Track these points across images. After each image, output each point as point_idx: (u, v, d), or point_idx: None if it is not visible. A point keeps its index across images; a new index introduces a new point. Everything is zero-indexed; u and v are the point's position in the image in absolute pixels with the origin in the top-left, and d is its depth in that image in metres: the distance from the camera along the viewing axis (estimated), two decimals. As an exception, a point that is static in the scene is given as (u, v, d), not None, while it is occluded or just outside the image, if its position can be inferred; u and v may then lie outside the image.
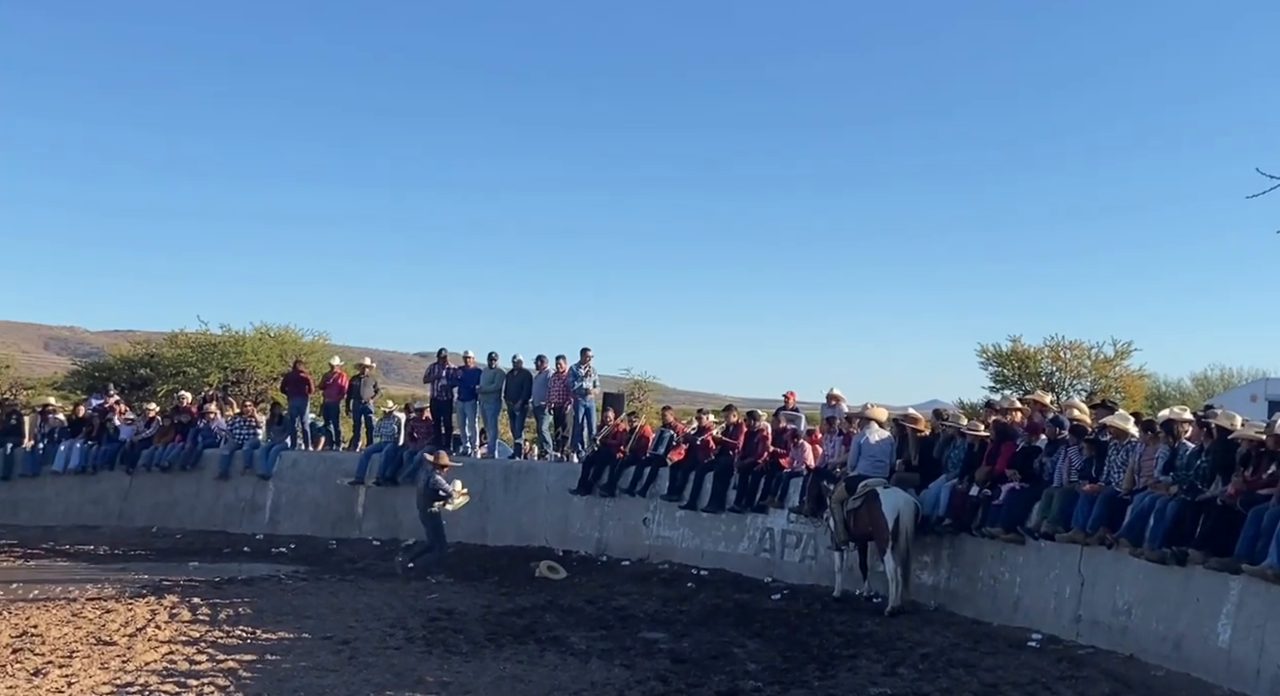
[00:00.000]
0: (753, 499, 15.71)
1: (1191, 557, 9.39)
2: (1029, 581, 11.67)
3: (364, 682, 8.85)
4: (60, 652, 9.82)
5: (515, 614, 12.24)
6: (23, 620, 11.34)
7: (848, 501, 13.09)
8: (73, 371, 36.35)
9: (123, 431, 21.35)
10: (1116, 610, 10.39)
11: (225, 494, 20.20)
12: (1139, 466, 10.79)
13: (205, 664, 9.49)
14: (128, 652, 9.87)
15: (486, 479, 18.72)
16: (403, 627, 11.25)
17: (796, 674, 9.47)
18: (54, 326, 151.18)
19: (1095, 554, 10.79)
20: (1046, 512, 11.36)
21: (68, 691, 8.45)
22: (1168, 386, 36.07)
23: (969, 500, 12.47)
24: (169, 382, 30.14)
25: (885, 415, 14.27)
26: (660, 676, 9.30)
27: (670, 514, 16.78)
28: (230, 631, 10.98)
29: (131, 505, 20.58)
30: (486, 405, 19.94)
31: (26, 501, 21.14)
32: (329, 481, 19.70)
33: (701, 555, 16.10)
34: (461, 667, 9.52)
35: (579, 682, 9.05)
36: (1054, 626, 11.05)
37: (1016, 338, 33.46)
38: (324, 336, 34.03)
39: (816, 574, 14.45)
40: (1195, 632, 9.38)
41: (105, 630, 10.90)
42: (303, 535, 18.99)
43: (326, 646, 10.27)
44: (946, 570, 12.85)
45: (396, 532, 18.77)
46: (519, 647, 10.42)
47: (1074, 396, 28.77)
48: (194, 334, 32.96)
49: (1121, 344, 32.74)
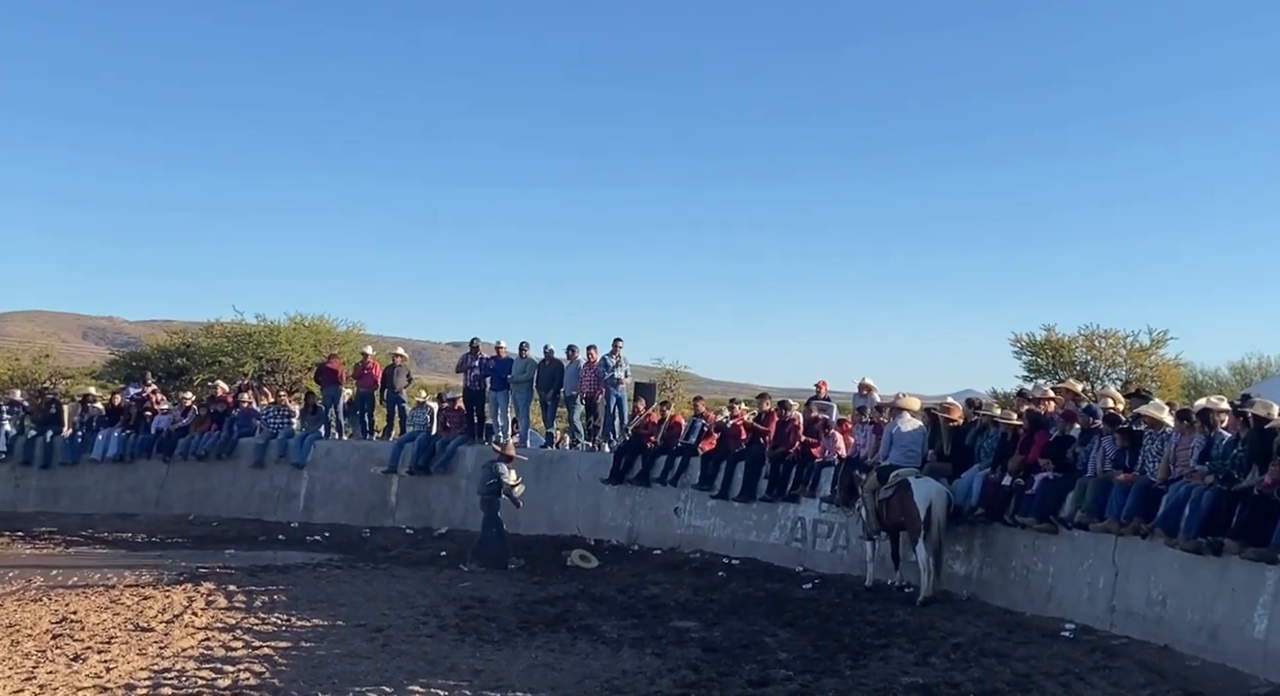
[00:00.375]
0: (784, 488, 15.70)
1: (1227, 547, 9.31)
2: (1062, 571, 11.60)
3: (397, 670, 8.93)
4: (99, 638, 9.96)
5: (547, 602, 12.29)
6: (62, 606, 11.52)
7: (879, 491, 13.06)
8: (111, 361, 36.72)
9: (159, 420, 21.58)
10: (1151, 600, 10.32)
11: (260, 482, 20.39)
12: (1174, 456, 10.70)
13: (241, 650, 9.61)
14: (165, 638, 10.00)
15: (519, 469, 18.77)
16: (435, 615, 11.33)
17: (828, 663, 9.47)
18: (93, 316, 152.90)
19: (1130, 544, 10.71)
20: (1080, 502, 11.29)
21: (106, 676, 8.57)
22: (1204, 375, 35.59)
23: (1002, 489, 12.41)
24: (205, 372, 30.37)
25: (917, 404, 14.22)
26: (691, 665, 9.32)
27: (701, 503, 16.79)
28: (265, 618, 11.10)
29: (168, 493, 20.82)
30: (518, 395, 20.01)
31: (66, 489, 21.43)
32: (362, 470, 19.85)
33: (733, 544, 16.11)
34: (494, 656, 9.58)
35: (610, 671, 9.09)
36: (1087, 616, 10.99)
37: (1050, 326, 33.13)
38: (358, 326, 34.19)
39: (848, 563, 14.42)
40: (1231, 623, 9.30)
41: (143, 616, 11.04)
42: (336, 523, 19.16)
43: (360, 634, 10.37)
44: (979, 560, 12.79)
45: (429, 521, 18.91)
46: (551, 636, 10.47)
47: (1108, 385, 28.56)
48: (229, 324, 33.20)
49: (1157, 333, 32.34)
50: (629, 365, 19.56)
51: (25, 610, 11.29)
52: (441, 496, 19.22)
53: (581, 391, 19.38)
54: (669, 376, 35.59)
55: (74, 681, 8.39)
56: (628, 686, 8.57)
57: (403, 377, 21.02)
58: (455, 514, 18.94)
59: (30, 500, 21.33)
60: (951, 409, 13.94)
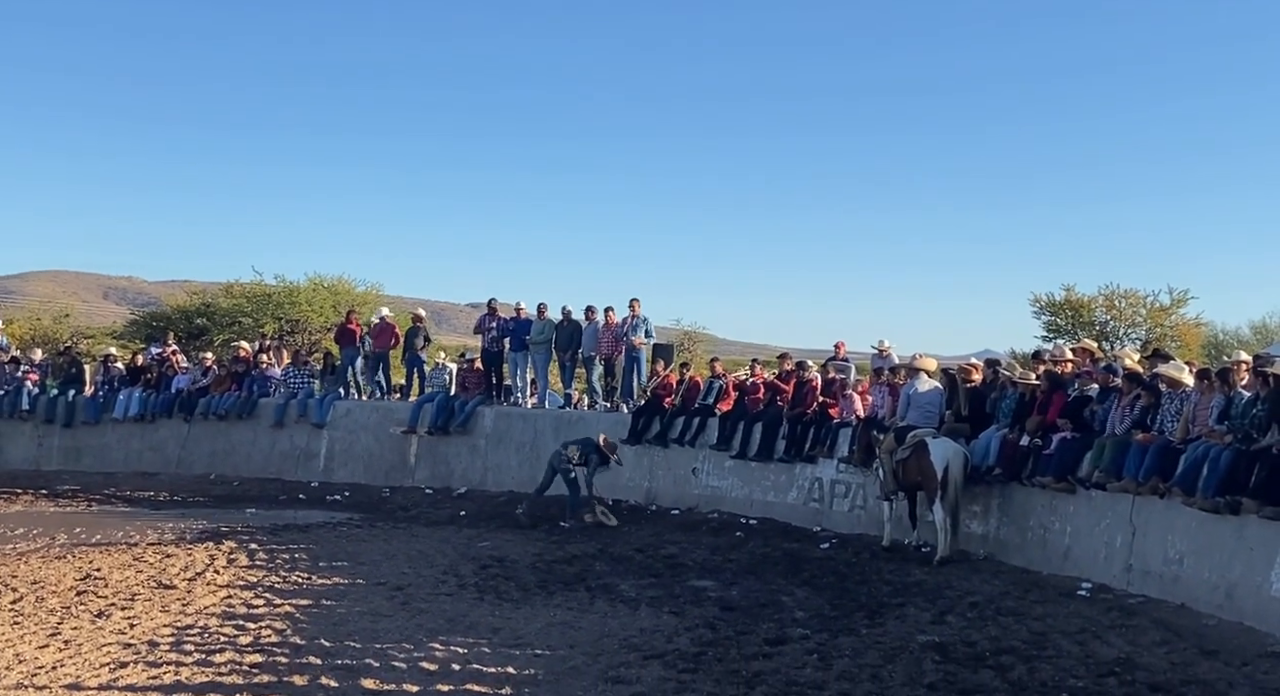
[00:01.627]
0: (802, 449, 15.72)
1: (1245, 507, 9.29)
2: (1079, 531, 11.60)
3: (417, 628, 9.02)
4: (122, 595, 10.09)
5: (566, 561, 12.37)
6: (86, 564, 11.66)
7: (897, 451, 13.07)
8: (131, 321, 36.97)
9: (179, 380, 21.70)
10: (1168, 559, 10.31)
11: (281, 442, 20.52)
12: (1193, 415, 10.66)
13: (262, 608, 9.71)
14: (188, 596, 10.12)
15: (537, 429, 18.87)
16: (455, 574, 11.42)
17: (845, 622, 9.51)
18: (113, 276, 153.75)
19: (1147, 503, 10.70)
20: (1098, 462, 11.28)
21: (130, 633, 8.69)
22: (1225, 335, 35.37)
23: (1019, 450, 12.40)
24: (225, 332, 30.56)
25: (934, 365, 14.19)
26: (709, 623, 9.38)
27: (719, 463, 16.83)
28: (287, 576, 11.22)
29: (190, 453, 20.98)
30: (537, 356, 20.04)
31: (89, 448, 21.63)
32: (382, 430, 19.95)
33: (750, 504, 16.15)
34: (512, 614, 9.66)
35: (628, 629, 9.15)
36: (1104, 575, 11.00)
37: (1070, 286, 32.97)
38: (377, 287, 34.31)
39: (865, 523, 14.46)
40: (1248, 582, 9.29)
41: (165, 574, 11.17)
42: (356, 483, 19.28)
43: (380, 592, 10.47)
44: (996, 519, 12.80)
45: (448, 481, 19.01)
46: (569, 595, 10.54)
47: (1127, 346, 28.41)
48: (249, 284, 33.35)
49: (1178, 292, 32.14)
50: (651, 324, 19.63)
51: (50, 567, 11.43)
52: (460, 456, 19.32)
53: (600, 352, 19.39)
54: (687, 337, 35.63)
55: (98, 637, 8.51)
56: (645, 644, 8.63)
57: (421, 338, 21.07)
58: (474, 474, 19.05)
59: (53, 458, 21.54)
60: (971, 370, 13.91)
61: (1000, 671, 7.83)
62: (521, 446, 18.91)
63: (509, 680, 7.55)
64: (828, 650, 8.47)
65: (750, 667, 7.93)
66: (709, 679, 7.63)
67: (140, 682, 7.33)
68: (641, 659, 8.18)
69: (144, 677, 7.44)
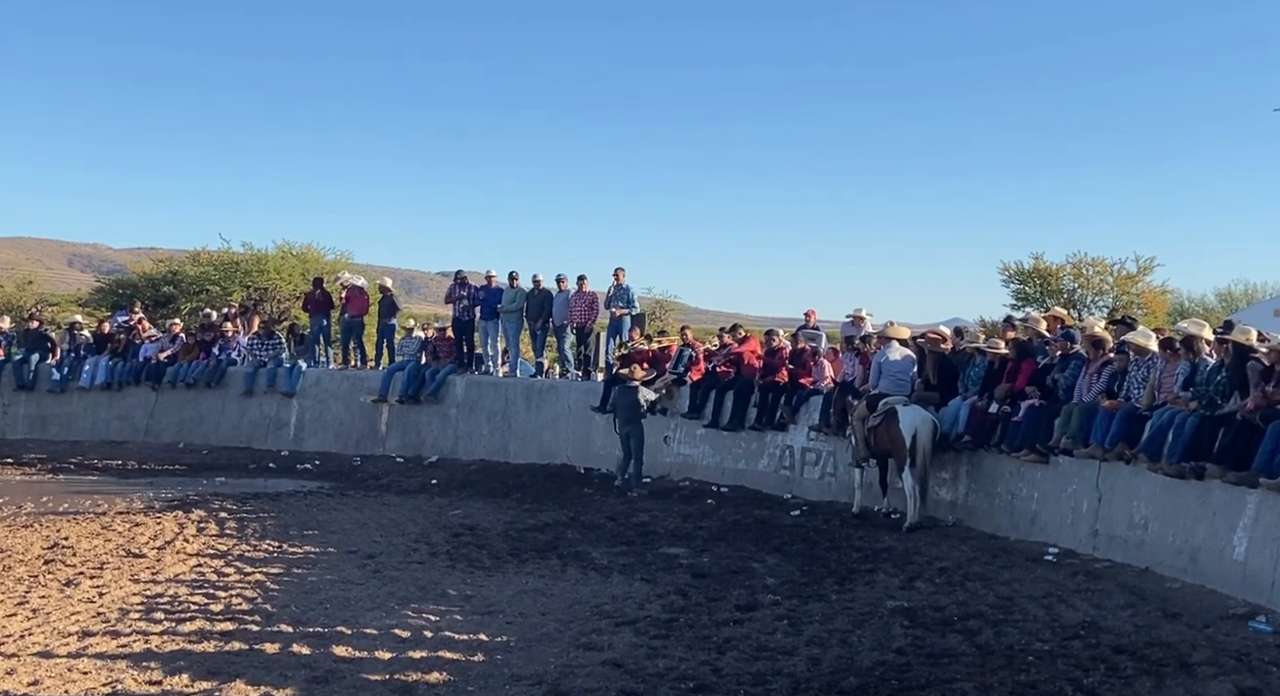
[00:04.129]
0: (773, 417, 15.77)
1: (1209, 472, 9.42)
2: (1046, 497, 11.73)
3: (389, 596, 9.02)
4: (91, 564, 10.04)
5: (537, 530, 12.39)
6: (54, 532, 11.58)
7: (868, 419, 13.14)
8: (96, 288, 36.48)
9: (147, 348, 21.51)
10: (1133, 524, 10.45)
11: (250, 411, 20.41)
12: (1159, 382, 10.78)
13: (233, 576, 9.69)
14: (157, 565, 10.08)
15: (509, 398, 18.86)
16: (426, 543, 11.42)
17: (815, 588, 9.58)
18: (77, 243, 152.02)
19: (1113, 469, 10.82)
20: (1066, 428, 11.39)
21: (99, 601, 8.65)
22: (1191, 302, 35.75)
23: (988, 417, 12.50)
24: (192, 300, 30.27)
25: (906, 333, 14.25)
26: (680, 590, 9.43)
27: (691, 432, 16.88)
28: (257, 545, 11.18)
29: (158, 421, 20.83)
30: (508, 324, 19.99)
31: (55, 416, 21.40)
32: (352, 399, 19.88)
33: (722, 472, 16.22)
34: (484, 582, 9.68)
35: (600, 596, 9.19)
36: (1071, 540, 11.13)
37: (1039, 255, 33.25)
38: (347, 255, 34.01)
39: (835, 491, 14.55)
40: (1211, 546, 9.43)
41: (134, 543, 11.12)
42: (327, 452, 19.22)
43: (352, 560, 10.46)
44: (965, 486, 12.91)
45: (419, 450, 18.98)
46: (541, 562, 10.57)
47: (1094, 313, 28.67)
48: (217, 252, 33.01)
49: (1144, 260, 32.45)
50: (634, 293, 19.70)
51: (16, 536, 11.34)
52: (431, 425, 19.28)
53: (572, 321, 19.37)
54: (659, 306, 35.57)
55: (67, 606, 8.47)
56: (617, 611, 8.68)
57: (391, 307, 20.95)
58: (445, 442, 19.03)
59: (18, 427, 21.28)
60: (940, 338, 13.98)
61: (968, 635, 7.92)
62: (493, 415, 18.90)
63: (481, 647, 7.57)
64: (798, 616, 8.54)
65: (721, 633, 7.99)
66: (680, 644, 7.68)
67: (109, 651, 7.30)
68: (613, 625, 8.22)
69: (113, 646, 7.41)
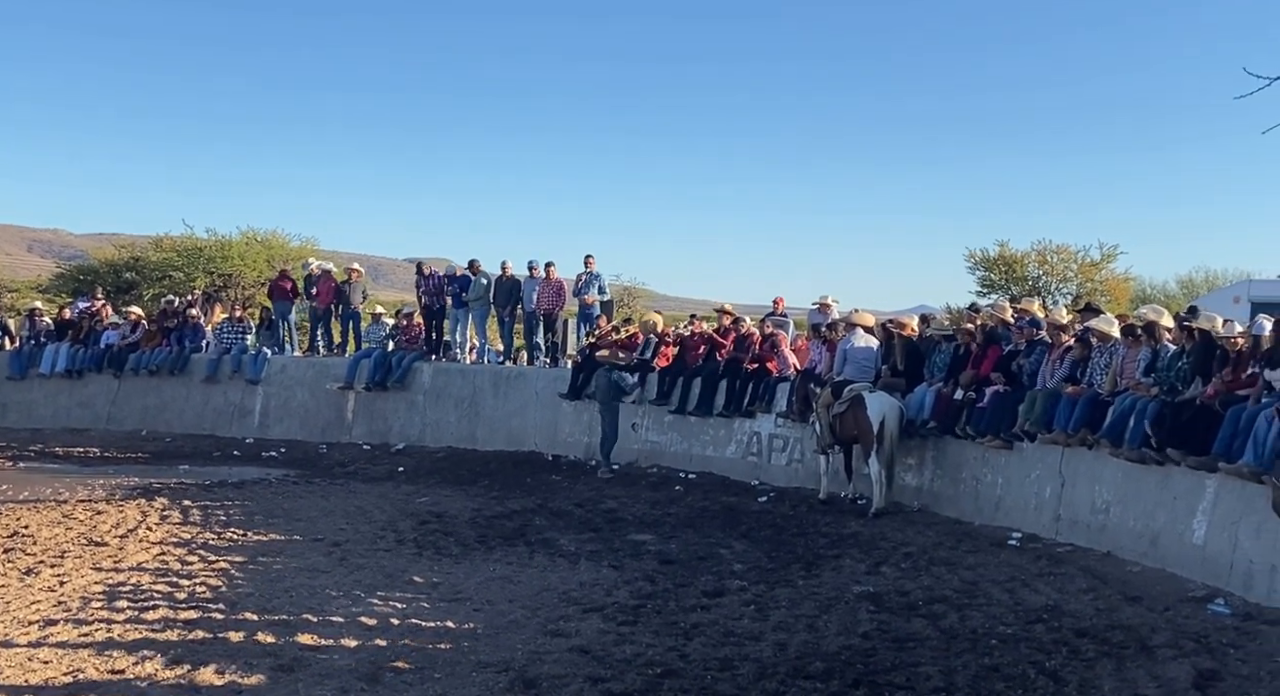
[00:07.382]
0: (740, 403, 15.81)
1: (1170, 457, 9.53)
2: (1010, 482, 11.83)
3: (355, 583, 8.98)
4: (52, 553, 9.92)
5: (505, 517, 12.37)
6: (14, 521, 11.44)
7: (834, 405, 13.19)
8: (57, 274, 36.06)
9: (108, 335, 21.29)
10: (1095, 509, 10.56)
11: (214, 398, 20.26)
12: (1121, 368, 10.89)
13: (197, 564, 9.61)
14: (119, 553, 9.98)
15: (476, 385, 18.81)
16: (393, 530, 11.37)
17: (782, 573, 9.62)
18: (38, 228, 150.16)
19: (1076, 454, 10.93)
20: (1029, 414, 11.48)
21: (60, 590, 8.56)
22: (1153, 289, 36.17)
23: (953, 403, 12.58)
24: (155, 287, 29.98)
25: (871, 320, 14.33)
26: (648, 576, 9.45)
27: (659, 418, 16.89)
28: (221, 533, 11.09)
29: (120, 408, 20.64)
30: (475, 311, 19.93)
31: (15, 404, 21.16)
32: (318, 386, 19.76)
33: (689, 459, 16.24)
34: (452, 569, 9.65)
35: (568, 583, 9.19)
36: (1034, 525, 11.24)
37: (1004, 242, 33.51)
38: (312, 241, 33.82)
39: (802, 477, 14.61)
40: (1171, 530, 9.55)
41: (96, 531, 11.00)
42: (292, 439, 19.10)
43: (318, 548, 10.40)
44: (930, 472, 13.00)
45: (386, 437, 18.91)
46: (509, 550, 10.54)
47: (1059, 301, 28.90)
48: (179, 238, 32.70)
49: (1108, 247, 32.76)
50: (604, 280, 19.72)
51: (-23, 526, 11.20)
52: (398, 412, 19.20)
53: (540, 308, 19.33)
54: (627, 292, 35.59)
55: (27, 595, 8.38)
56: (585, 598, 8.68)
57: (358, 293, 20.83)
58: (412, 430, 18.96)
59: (-23, 414, 21.04)
60: (905, 324, 14.05)
61: (933, 620, 7.98)
62: (460, 402, 18.85)
63: (448, 634, 7.56)
64: (765, 601, 8.57)
65: (688, 619, 8.01)
66: (648, 631, 7.69)
67: (71, 639, 7.23)
68: (581, 612, 8.22)
69: (75, 634, 7.34)
